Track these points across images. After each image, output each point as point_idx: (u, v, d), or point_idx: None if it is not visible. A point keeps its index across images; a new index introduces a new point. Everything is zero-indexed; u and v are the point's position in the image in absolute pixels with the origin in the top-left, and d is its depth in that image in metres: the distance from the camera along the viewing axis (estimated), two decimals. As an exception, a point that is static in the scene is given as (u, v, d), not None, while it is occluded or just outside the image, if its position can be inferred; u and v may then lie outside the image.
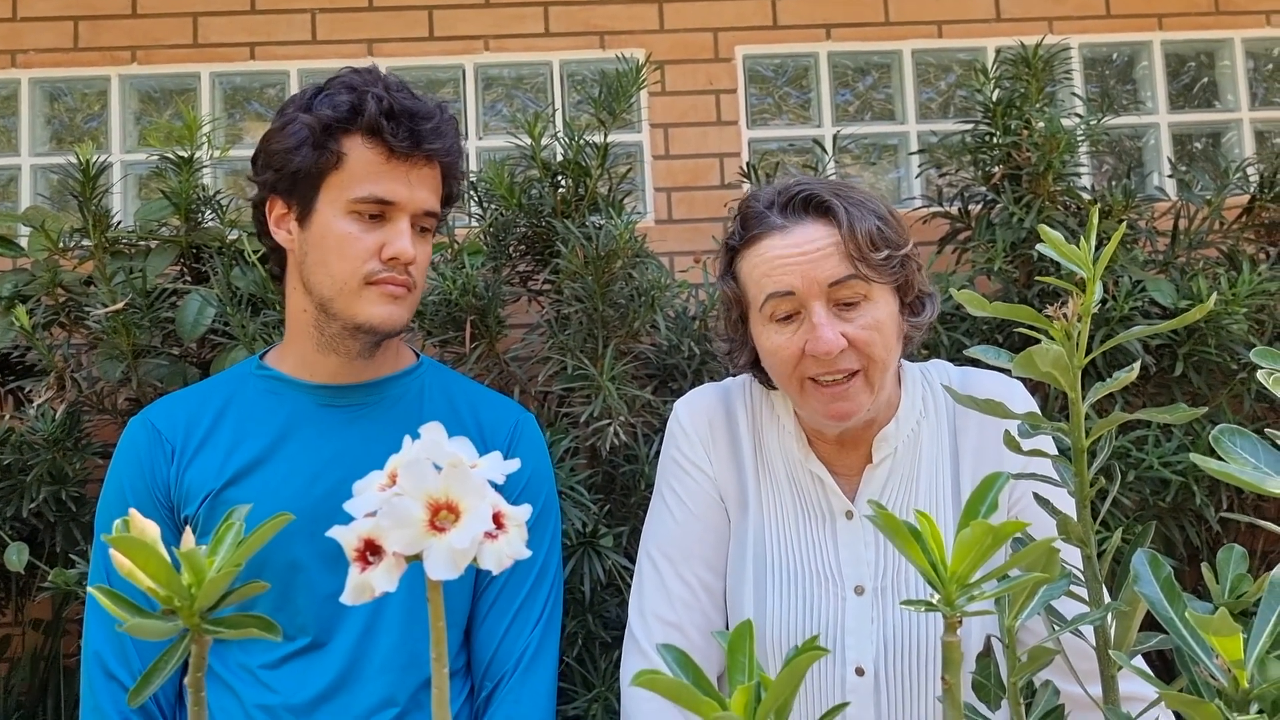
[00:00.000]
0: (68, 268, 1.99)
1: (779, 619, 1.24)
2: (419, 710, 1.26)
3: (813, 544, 1.27)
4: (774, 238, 1.20)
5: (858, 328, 1.17)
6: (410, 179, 1.27)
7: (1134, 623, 0.75)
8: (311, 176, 1.26)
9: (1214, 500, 1.95)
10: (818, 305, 1.17)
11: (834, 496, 1.28)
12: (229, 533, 0.62)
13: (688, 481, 1.34)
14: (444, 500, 0.59)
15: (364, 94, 1.25)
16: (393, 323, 1.29)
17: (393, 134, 1.25)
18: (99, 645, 1.26)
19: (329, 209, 1.27)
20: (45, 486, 1.86)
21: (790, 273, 1.17)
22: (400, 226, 1.27)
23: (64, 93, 2.61)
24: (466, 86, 2.57)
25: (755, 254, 1.22)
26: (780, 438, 1.33)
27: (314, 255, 1.28)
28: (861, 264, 1.17)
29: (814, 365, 1.18)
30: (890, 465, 1.27)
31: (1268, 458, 0.65)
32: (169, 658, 0.60)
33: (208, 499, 1.26)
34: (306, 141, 1.25)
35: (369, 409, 1.33)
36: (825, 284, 1.17)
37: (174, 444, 1.29)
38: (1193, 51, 2.76)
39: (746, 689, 0.55)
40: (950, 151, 2.17)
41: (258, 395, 1.33)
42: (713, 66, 2.57)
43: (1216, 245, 2.16)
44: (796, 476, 1.30)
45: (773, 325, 1.21)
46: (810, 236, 1.18)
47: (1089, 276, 0.74)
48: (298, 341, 1.34)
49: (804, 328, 1.18)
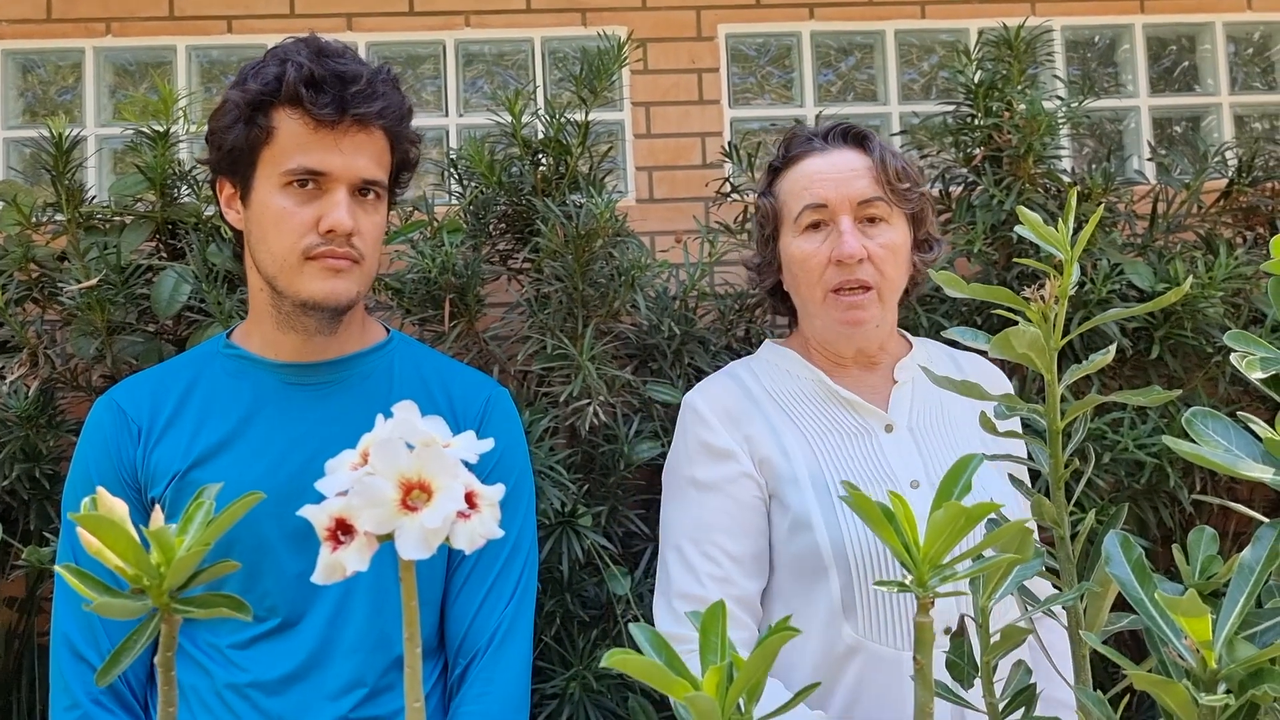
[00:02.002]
0: (40, 243, 1.96)
1: (854, 529, 1.27)
2: (389, 690, 1.25)
3: (864, 456, 1.34)
4: (814, 158, 1.38)
5: (877, 245, 1.33)
6: (342, 147, 1.23)
7: (1105, 603, 0.76)
8: (246, 153, 1.24)
9: (1188, 482, 1.97)
10: (845, 218, 1.33)
11: (869, 415, 1.37)
12: (199, 511, 0.61)
13: (712, 466, 1.34)
14: (416, 479, 0.59)
15: (286, 63, 1.21)
16: (337, 297, 1.25)
17: (312, 101, 1.20)
18: (67, 626, 1.24)
19: (264, 185, 1.24)
20: (19, 464, 1.84)
21: (826, 186, 1.34)
22: (335, 197, 1.23)
23: (37, 64, 2.57)
24: (447, 63, 2.55)
25: (796, 171, 1.39)
26: (799, 386, 1.40)
27: (256, 233, 1.26)
28: (887, 188, 1.35)
29: (836, 274, 1.33)
30: (913, 389, 1.39)
31: (1240, 441, 0.66)
32: (137, 637, 0.60)
33: (174, 480, 1.25)
34: (239, 119, 1.22)
35: (337, 386, 1.31)
36: (855, 201, 1.34)
37: (140, 424, 1.28)
38: (1174, 34, 2.77)
39: (718, 669, 0.55)
40: (932, 133, 2.17)
41: (224, 375, 1.31)
42: (695, 45, 2.55)
43: (1194, 229, 2.17)
44: (829, 411, 1.37)
45: (804, 235, 1.36)
46: (847, 159, 1.36)
47: (1066, 259, 0.74)
48: (259, 320, 1.32)
49: (831, 238, 1.34)
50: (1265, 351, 0.68)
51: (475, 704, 1.26)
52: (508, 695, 1.27)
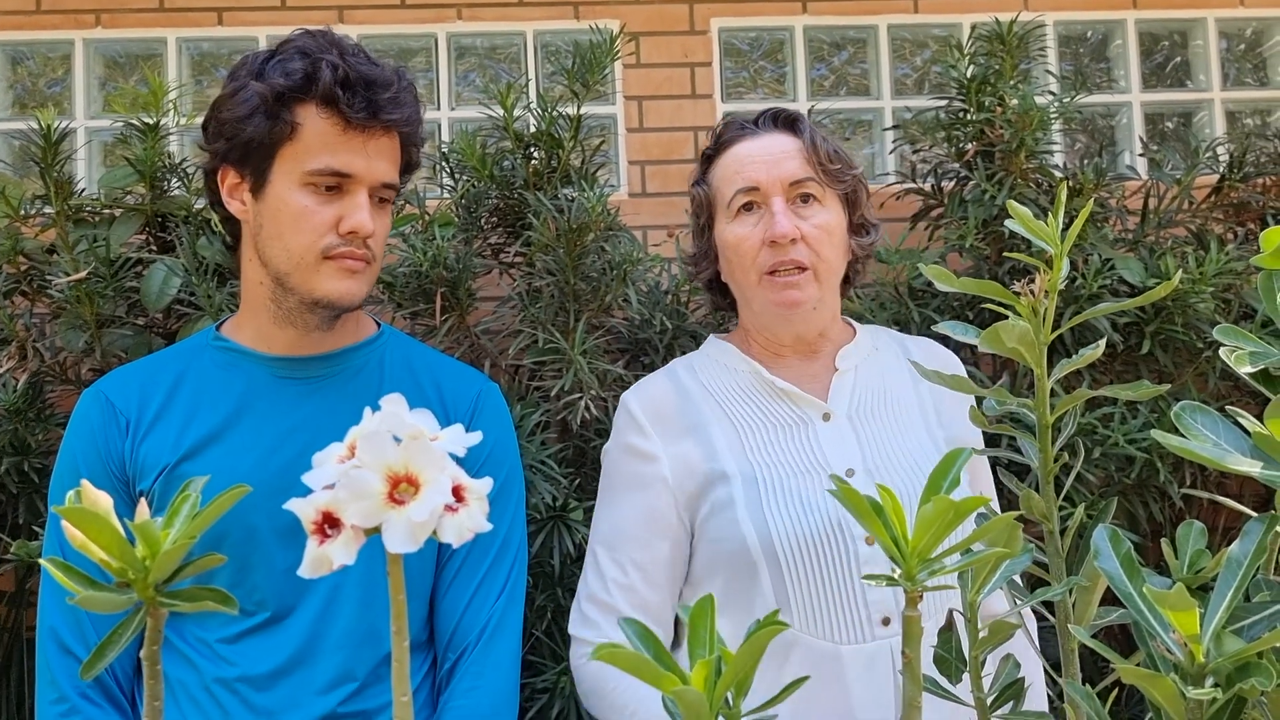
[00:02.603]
0: (29, 235, 1.95)
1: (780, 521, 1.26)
2: (378, 684, 1.25)
3: (799, 447, 1.32)
4: (745, 141, 1.39)
5: (810, 225, 1.34)
6: (368, 150, 1.24)
7: (1094, 597, 0.76)
8: (265, 147, 1.23)
9: (1178, 477, 1.98)
10: (778, 199, 1.33)
11: (806, 405, 1.36)
12: (184, 504, 0.61)
13: (634, 467, 1.35)
14: (403, 473, 0.59)
15: (318, 60, 1.21)
16: (351, 297, 1.27)
17: (349, 104, 1.21)
18: (54, 620, 1.24)
19: (283, 181, 1.23)
20: (8, 457, 1.83)
21: (757, 168, 1.35)
22: (358, 199, 1.24)
23: (26, 56, 2.55)
24: (439, 56, 2.54)
25: (728, 156, 1.40)
26: (736, 380, 1.39)
27: (269, 228, 1.25)
28: (819, 169, 1.36)
29: (770, 256, 1.33)
30: (855, 377, 1.39)
31: (1228, 435, 0.66)
32: (123, 631, 0.59)
33: (163, 473, 1.24)
34: (259, 110, 1.21)
35: (328, 380, 1.31)
36: (786, 182, 1.34)
37: (128, 417, 1.27)
38: (1166, 30, 2.77)
39: (707, 663, 0.55)
40: (924, 128, 2.16)
41: (214, 368, 1.31)
42: (688, 39, 2.55)
43: (1185, 225, 2.18)
44: (764, 404, 1.36)
45: (737, 220, 1.36)
46: (777, 142, 1.37)
47: (1056, 253, 0.74)
48: (254, 314, 1.31)
49: (765, 219, 1.34)
50: (1254, 346, 0.68)
51: (465, 698, 1.26)
52: (497, 690, 1.27)
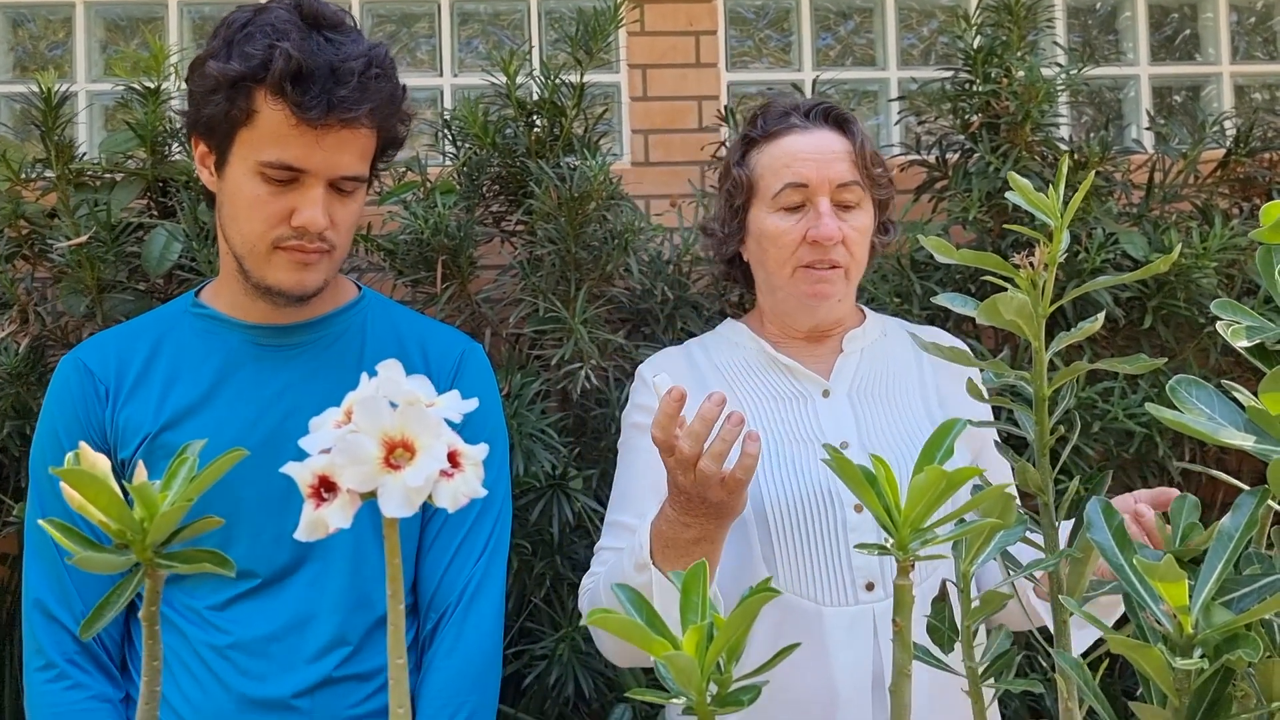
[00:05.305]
0: (30, 199, 1.94)
1: (771, 485, 1.29)
2: (372, 647, 1.26)
3: (796, 419, 1.35)
4: (796, 135, 1.37)
5: (850, 228, 1.35)
6: (324, 144, 1.16)
7: (1087, 569, 0.77)
8: (224, 126, 1.18)
9: (1177, 452, 1.98)
10: (825, 200, 1.34)
11: (807, 380, 1.38)
12: (182, 467, 0.61)
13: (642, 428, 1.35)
14: (399, 438, 0.59)
15: (274, 47, 1.13)
16: (304, 288, 1.22)
17: (299, 100, 1.13)
18: (39, 589, 1.23)
19: (240, 165, 1.19)
20: (9, 421, 1.84)
21: (808, 167, 1.34)
22: (312, 194, 1.18)
23: (27, 19, 2.54)
24: (441, 23, 2.52)
25: (777, 147, 1.38)
26: (744, 356, 1.42)
27: (227, 209, 1.22)
28: (864, 174, 1.37)
29: (809, 253, 1.34)
30: (859, 359, 1.41)
31: (1223, 409, 0.66)
32: (120, 592, 0.60)
33: (145, 441, 1.23)
34: (218, 91, 1.16)
35: (309, 347, 1.29)
36: (835, 183, 1.34)
37: (107, 384, 1.25)
38: (1176, 3, 2.74)
39: (699, 628, 0.55)
40: (930, 99, 2.15)
41: (193, 335, 1.29)
42: (693, 7, 2.52)
43: (1191, 199, 2.17)
44: (767, 378, 1.39)
45: (779, 213, 1.36)
46: (829, 142, 1.37)
47: (1056, 225, 0.74)
48: (229, 281, 1.29)
49: (808, 217, 1.34)
50: (1251, 320, 0.68)
51: (446, 659, 1.26)
52: (479, 650, 1.27)
